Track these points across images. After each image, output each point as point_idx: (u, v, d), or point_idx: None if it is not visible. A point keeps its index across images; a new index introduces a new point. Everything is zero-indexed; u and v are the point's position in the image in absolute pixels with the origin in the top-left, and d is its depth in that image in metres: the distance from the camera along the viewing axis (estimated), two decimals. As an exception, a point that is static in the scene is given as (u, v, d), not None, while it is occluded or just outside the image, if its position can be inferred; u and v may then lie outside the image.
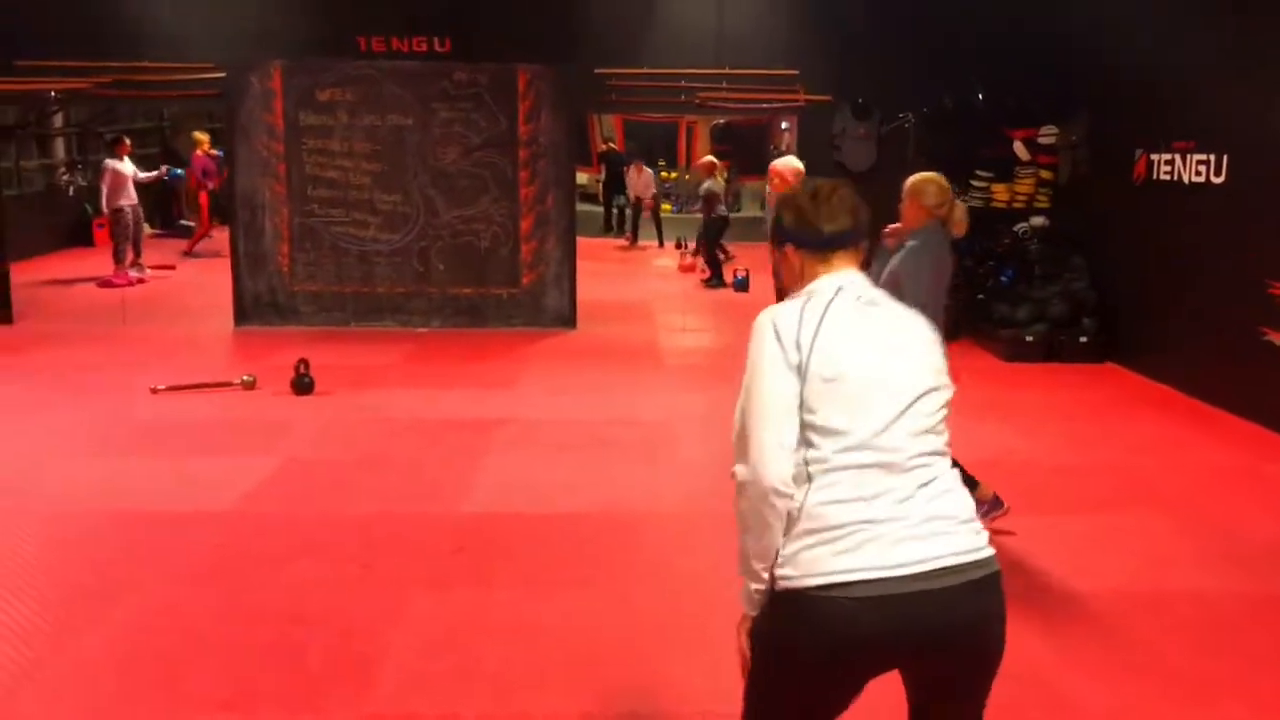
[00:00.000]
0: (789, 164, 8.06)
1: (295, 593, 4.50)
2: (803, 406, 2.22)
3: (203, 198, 16.31)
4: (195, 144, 16.37)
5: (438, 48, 10.51)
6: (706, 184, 14.63)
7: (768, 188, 7.03)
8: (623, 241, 19.22)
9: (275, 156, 10.45)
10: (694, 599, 4.40)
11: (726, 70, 10.49)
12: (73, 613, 4.26)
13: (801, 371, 2.23)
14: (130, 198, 13.32)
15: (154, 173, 14.24)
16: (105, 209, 13.35)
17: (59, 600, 4.38)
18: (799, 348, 2.23)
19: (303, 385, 7.85)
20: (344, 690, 3.72)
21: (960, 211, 5.00)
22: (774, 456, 2.20)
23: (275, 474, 6.05)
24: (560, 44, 10.44)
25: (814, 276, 2.40)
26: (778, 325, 2.28)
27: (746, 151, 21.39)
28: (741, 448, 2.26)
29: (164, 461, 6.28)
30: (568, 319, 10.75)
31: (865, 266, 2.49)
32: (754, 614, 2.33)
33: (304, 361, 7.92)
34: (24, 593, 4.44)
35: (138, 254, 13.56)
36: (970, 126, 10.18)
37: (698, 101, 10.69)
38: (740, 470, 2.25)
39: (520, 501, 5.66)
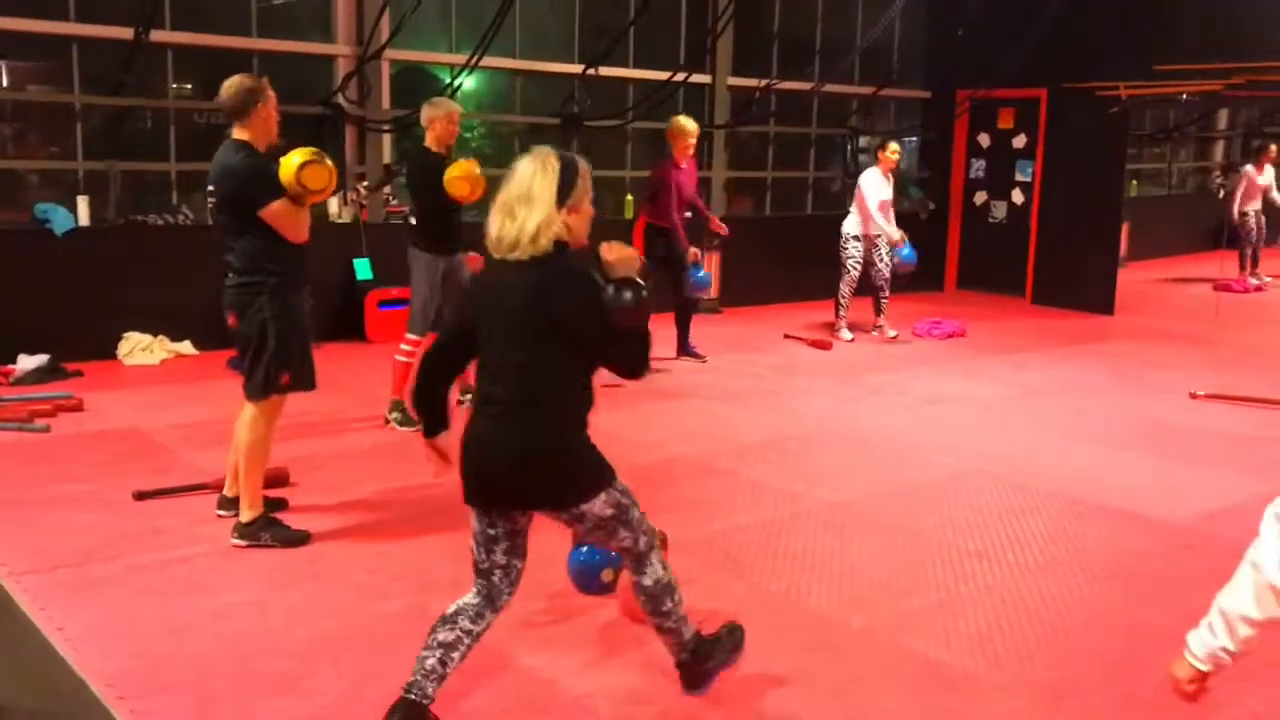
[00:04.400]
0: None
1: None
2: None
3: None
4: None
5: None
6: None
7: None
8: None
9: None
10: None
11: None
12: (979, 571, 4.64)
13: None
14: (1256, 204, 12.99)
15: None
16: (1234, 214, 13.18)
17: (1011, 560, 4.80)
18: None
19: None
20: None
21: None
22: None
23: (1249, 499, 5.59)
24: None
25: None
26: None
27: None
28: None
29: (1152, 463, 6.25)
30: None
31: None
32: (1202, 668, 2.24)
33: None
34: (986, 551, 4.97)
35: (1255, 262, 13.15)
36: None
37: None
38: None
39: None
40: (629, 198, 10.91)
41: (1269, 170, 12.99)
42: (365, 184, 9.18)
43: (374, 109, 9.14)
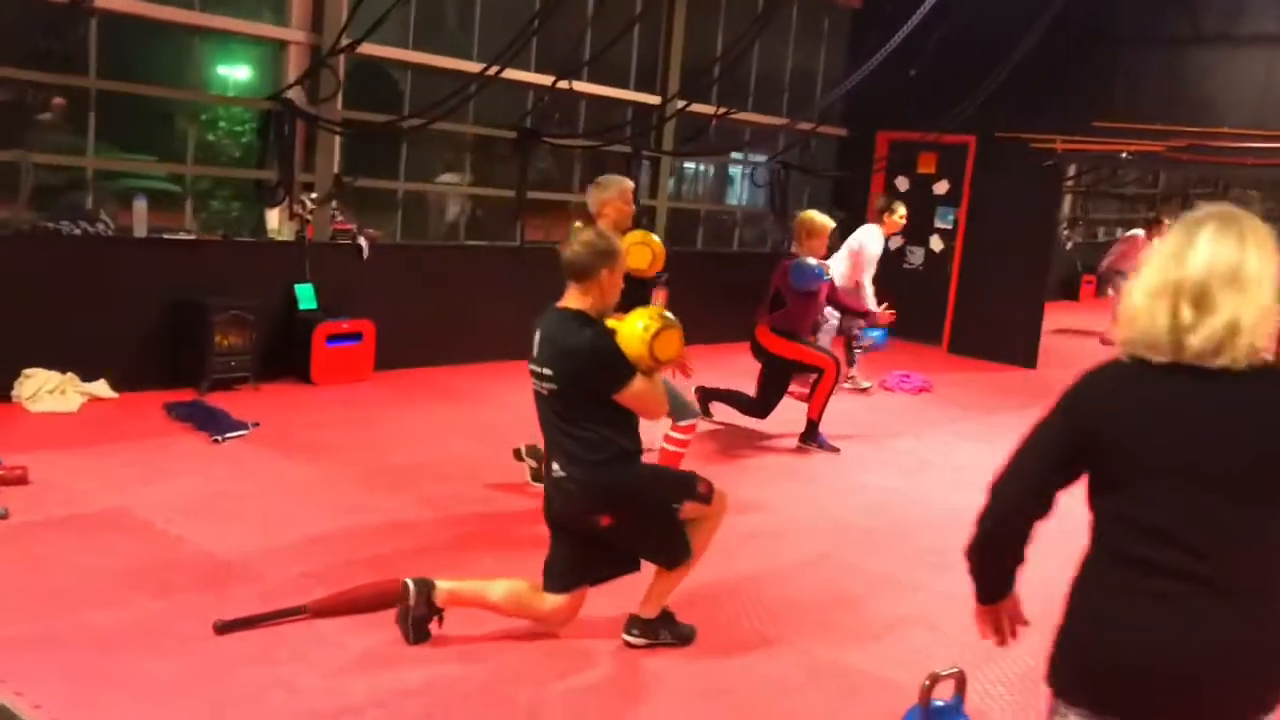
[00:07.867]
0: None
1: None
2: None
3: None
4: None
5: None
6: None
7: None
8: None
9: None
10: None
11: None
12: None
13: None
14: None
15: None
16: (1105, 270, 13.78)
17: None
18: None
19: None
20: None
21: None
22: None
23: None
24: None
25: None
26: None
27: None
28: None
29: None
30: None
31: None
32: None
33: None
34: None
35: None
36: None
37: None
38: None
39: None
40: (576, 224, 9.84)
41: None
42: (313, 195, 7.77)
43: (328, 108, 7.73)
